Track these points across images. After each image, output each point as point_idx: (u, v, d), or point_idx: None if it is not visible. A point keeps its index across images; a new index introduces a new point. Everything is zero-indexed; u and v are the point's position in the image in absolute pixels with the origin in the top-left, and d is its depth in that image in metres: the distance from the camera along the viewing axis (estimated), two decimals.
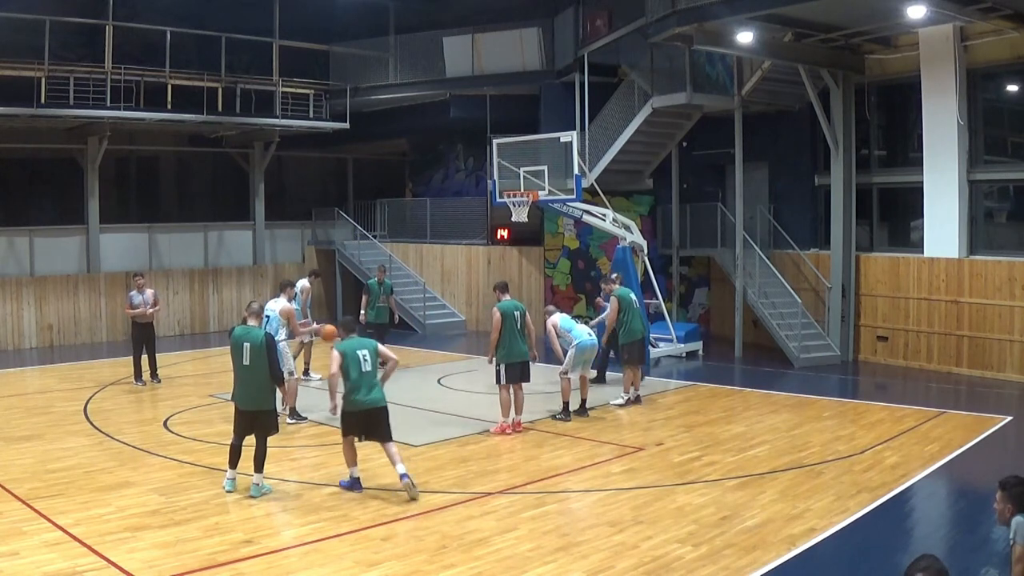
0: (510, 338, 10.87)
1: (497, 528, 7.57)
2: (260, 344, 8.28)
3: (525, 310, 11.23)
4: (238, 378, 8.46)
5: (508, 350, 10.87)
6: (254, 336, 8.36)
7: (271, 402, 8.45)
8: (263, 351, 8.25)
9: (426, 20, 22.37)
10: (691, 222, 19.48)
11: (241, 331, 8.48)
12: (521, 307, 11.15)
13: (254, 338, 8.34)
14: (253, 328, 8.48)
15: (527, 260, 21.07)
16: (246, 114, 20.98)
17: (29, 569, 6.54)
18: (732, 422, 11.65)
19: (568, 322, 12.08)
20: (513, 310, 10.94)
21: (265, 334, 8.43)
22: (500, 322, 10.84)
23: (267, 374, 8.29)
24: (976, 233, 15.24)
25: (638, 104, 18.35)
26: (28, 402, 13.30)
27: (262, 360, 8.25)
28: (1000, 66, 14.80)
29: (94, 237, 20.35)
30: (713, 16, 14.04)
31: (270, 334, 8.53)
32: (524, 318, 11.07)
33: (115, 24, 18.89)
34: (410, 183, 25.75)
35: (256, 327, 8.51)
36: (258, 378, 8.30)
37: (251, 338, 8.34)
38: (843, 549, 7.24)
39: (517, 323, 10.92)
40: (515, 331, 10.90)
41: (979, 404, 12.92)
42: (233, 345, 8.43)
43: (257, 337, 8.34)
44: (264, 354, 8.24)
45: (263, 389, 8.35)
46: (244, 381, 8.39)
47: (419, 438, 10.76)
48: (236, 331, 8.52)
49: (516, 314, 10.93)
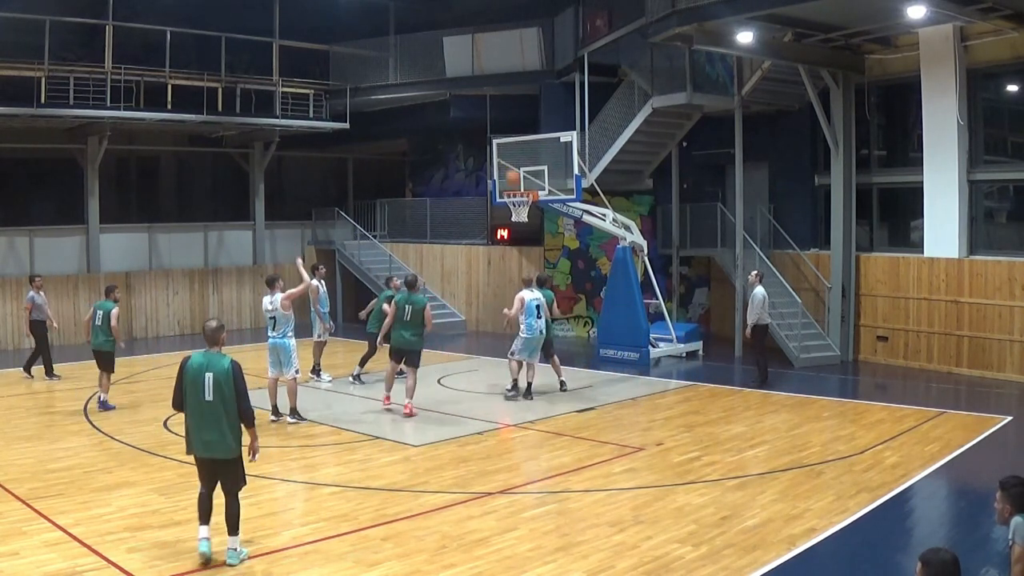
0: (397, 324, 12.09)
1: (497, 528, 7.57)
2: (226, 373, 6.68)
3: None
4: (196, 418, 6.73)
5: (392, 334, 12.19)
6: (218, 364, 6.72)
7: (238, 448, 6.78)
8: (230, 382, 6.68)
9: (426, 20, 22.37)
10: (691, 222, 19.47)
11: (201, 359, 6.78)
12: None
13: (219, 367, 6.70)
14: (216, 355, 6.80)
15: (527, 260, 21.06)
16: (246, 114, 21.00)
17: (29, 569, 6.54)
18: (732, 422, 11.66)
19: (531, 307, 13.04)
20: (406, 303, 12.06)
21: (231, 361, 6.76)
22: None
23: (235, 411, 6.71)
24: (976, 233, 15.25)
25: (638, 104, 18.35)
26: (28, 402, 13.31)
27: (229, 394, 6.68)
28: (1000, 66, 14.81)
29: (94, 237, 20.36)
30: (713, 16, 14.04)
31: (235, 361, 6.79)
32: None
33: (115, 24, 18.90)
34: (410, 183, 25.76)
35: (219, 354, 6.81)
36: (222, 418, 6.67)
37: (215, 367, 6.70)
38: (843, 549, 7.24)
39: (407, 314, 12.00)
40: (402, 320, 12.04)
41: (979, 404, 12.92)
42: (189, 376, 6.72)
43: (222, 365, 6.71)
44: (232, 386, 6.68)
45: (229, 431, 6.70)
46: (205, 421, 6.69)
47: (419, 438, 10.78)
48: (194, 359, 6.80)
49: (408, 307, 12.01)
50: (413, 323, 11.92)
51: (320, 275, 14.95)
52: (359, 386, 14.16)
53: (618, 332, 16.58)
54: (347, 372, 15.64)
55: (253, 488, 8.71)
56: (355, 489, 8.71)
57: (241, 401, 6.72)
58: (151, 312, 21.00)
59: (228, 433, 6.69)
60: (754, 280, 14.27)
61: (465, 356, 17.56)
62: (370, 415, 12.14)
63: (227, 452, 6.71)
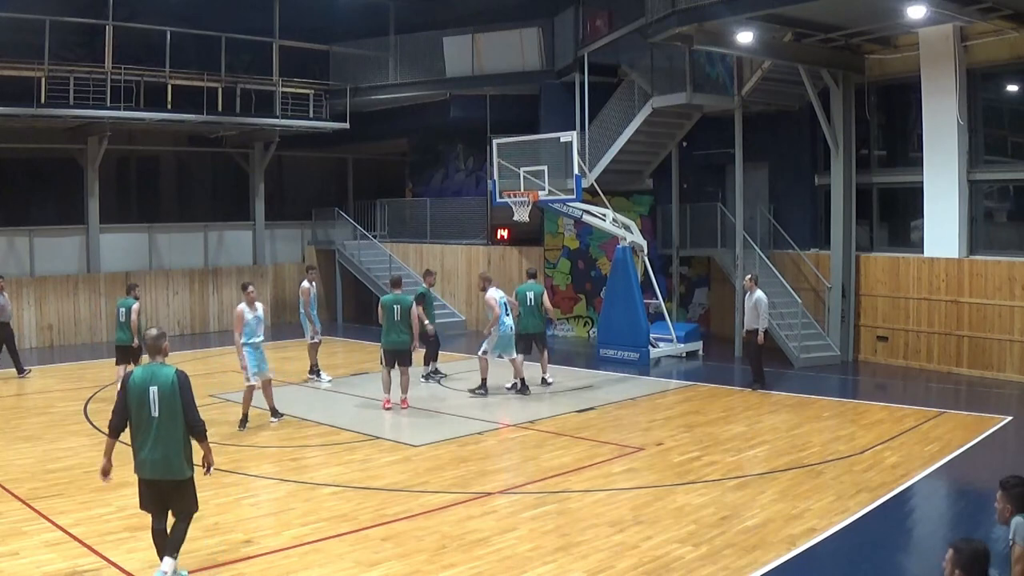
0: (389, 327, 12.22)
1: (497, 528, 7.58)
2: (171, 386, 6.11)
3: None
4: (143, 437, 6.14)
5: (385, 337, 12.25)
6: (162, 376, 6.14)
7: (190, 468, 6.26)
8: (176, 394, 6.11)
9: (426, 20, 22.38)
10: (691, 222, 19.47)
11: (144, 372, 6.20)
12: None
13: (163, 378, 6.13)
14: (159, 366, 6.22)
15: (527, 260, 21.04)
16: (246, 114, 21.00)
17: (29, 569, 6.54)
18: (732, 422, 11.65)
19: (502, 304, 13.26)
20: (394, 303, 12.27)
21: (176, 371, 6.19)
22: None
23: (185, 426, 6.18)
24: (976, 233, 15.24)
25: (638, 104, 18.35)
26: (28, 402, 13.32)
27: (176, 407, 6.11)
28: (1000, 66, 14.81)
29: (94, 237, 20.36)
30: (713, 16, 14.04)
31: (182, 371, 6.24)
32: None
33: (115, 24, 18.91)
34: (410, 183, 25.75)
35: (164, 364, 6.24)
36: (172, 434, 6.11)
37: (159, 379, 6.13)
38: (843, 549, 7.23)
39: (397, 315, 12.19)
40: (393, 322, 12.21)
41: (979, 404, 12.91)
42: (134, 391, 6.12)
43: (166, 377, 6.14)
44: (178, 399, 6.12)
45: (179, 450, 6.16)
46: (153, 439, 6.11)
47: (419, 438, 10.78)
48: (136, 374, 6.23)
49: (396, 307, 12.23)
50: (404, 323, 12.19)
51: (312, 277, 14.95)
52: (431, 383, 14.47)
53: (618, 332, 16.59)
54: (348, 372, 15.68)
55: (253, 488, 8.76)
56: (355, 489, 8.71)
57: (189, 413, 6.16)
58: (151, 312, 20.95)
59: (179, 451, 6.16)
60: (751, 285, 13.89)
61: (465, 356, 17.55)
62: (369, 415, 12.14)
63: (177, 472, 6.16)
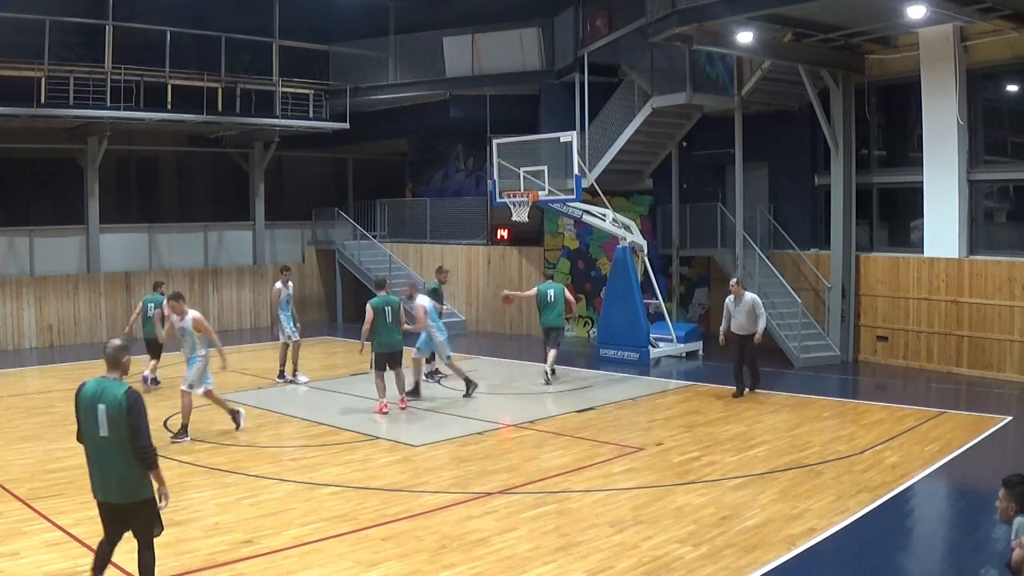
0: (381, 329, 12.13)
1: (497, 528, 7.57)
2: (118, 408, 5.57)
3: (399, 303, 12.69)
4: (92, 456, 5.74)
5: (379, 340, 12.16)
6: (111, 395, 5.62)
7: (147, 487, 5.74)
8: (123, 418, 5.57)
9: (426, 20, 22.38)
10: (691, 222, 19.46)
11: (94, 387, 5.72)
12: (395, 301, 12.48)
13: (111, 397, 5.61)
14: (111, 382, 5.70)
15: (527, 260, 21.06)
16: (246, 114, 21.01)
17: (29, 569, 6.54)
18: (732, 422, 11.65)
19: (433, 312, 13.32)
20: (385, 305, 12.16)
21: (126, 391, 5.64)
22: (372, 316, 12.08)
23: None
24: (976, 233, 15.24)
25: (638, 104, 18.34)
26: (28, 402, 13.30)
27: (123, 430, 5.59)
28: (1000, 66, 14.80)
29: (94, 237, 20.36)
30: (713, 16, 14.04)
31: (133, 391, 5.68)
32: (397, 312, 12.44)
33: (115, 24, 18.91)
34: (410, 183, 25.75)
35: (115, 380, 5.73)
36: (122, 455, 5.62)
37: (107, 397, 5.61)
38: (843, 549, 7.23)
39: (388, 316, 12.15)
40: (386, 324, 12.15)
41: (979, 404, 12.91)
42: (82, 405, 5.72)
43: (114, 396, 5.60)
44: (124, 423, 5.57)
45: (130, 470, 5.65)
46: (104, 460, 5.68)
47: (419, 438, 10.78)
48: (87, 387, 5.75)
49: (388, 309, 12.16)
50: (396, 324, 12.25)
51: (286, 278, 14.82)
52: (432, 383, 14.43)
53: (618, 332, 16.59)
54: (348, 372, 15.66)
55: (253, 488, 8.75)
56: (355, 489, 8.71)
57: (136, 439, 5.57)
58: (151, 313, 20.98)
59: (130, 472, 5.63)
60: (739, 289, 13.28)
61: (465, 356, 17.54)
62: (369, 415, 12.14)
63: (131, 494, 5.67)
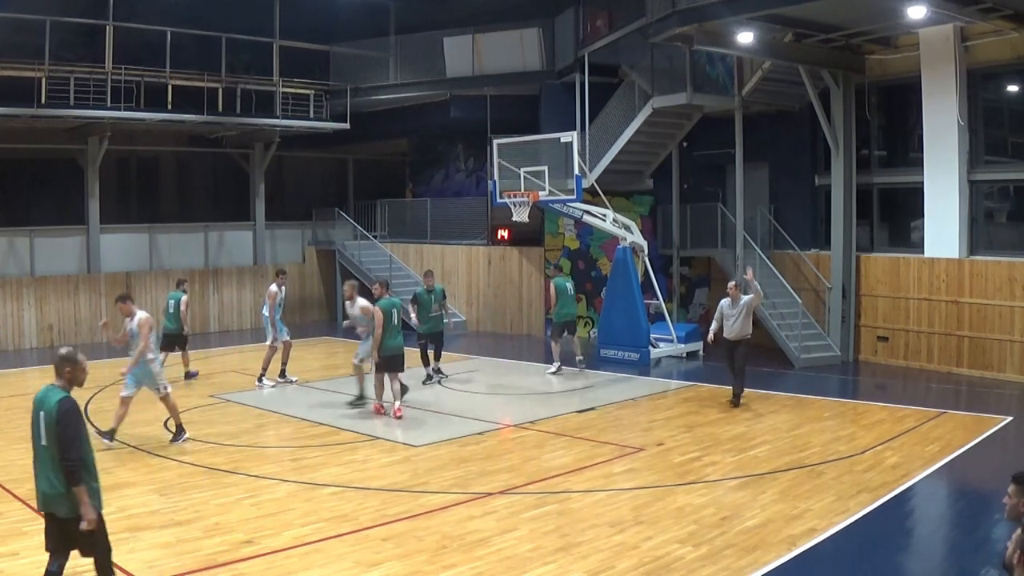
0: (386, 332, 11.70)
1: (497, 528, 7.57)
2: (51, 414, 5.41)
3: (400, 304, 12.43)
4: (35, 463, 5.58)
5: (384, 343, 11.70)
6: (49, 402, 5.46)
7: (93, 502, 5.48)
8: (53, 426, 5.38)
9: (426, 20, 22.36)
10: (691, 222, 19.46)
11: (41, 394, 5.60)
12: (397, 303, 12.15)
13: (48, 407, 5.44)
14: (51, 390, 5.57)
15: (527, 260, 21.06)
16: (246, 114, 20.99)
17: (29, 569, 6.54)
18: (732, 422, 11.65)
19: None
20: (390, 307, 11.79)
21: (60, 400, 5.45)
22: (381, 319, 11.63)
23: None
24: (976, 233, 15.24)
25: (638, 104, 18.34)
26: (28, 402, 13.19)
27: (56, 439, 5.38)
28: (1000, 66, 14.80)
29: (94, 237, 20.35)
30: (713, 16, 14.04)
31: (68, 400, 5.49)
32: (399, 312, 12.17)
33: (115, 24, 18.89)
34: (410, 183, 25.75)
35: (55, 388, 5.58)
36: (57, 465, 5.41)
37: (46, 405, 5.46)
38: (843, 549, 7.23)
39: (394, 319, 11.83)
40: (391, 326, 11.78)
41: (979, 404, 12.92)
42: (33, 410, 5.58)
43: (50, 406, 5.43)
44: (55, 431, 5.37)
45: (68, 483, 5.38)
46: (42, 469, 5.50)
47: (419, 438, 10.78)
48: (38, 392, 5.64)
49: (393, 311, 11.84)
50: (399, 326, 12.06)
51: (281, 281, 14.73)
52: (432, 383, 14.31)
53: (618, 332, 16.59)
54: (347, 373, 15.64)
55: (253, 488, 8.75)
56: (355, 489, 8.71)
57: (64, 450, 5.32)
58: (152, 313, 20.83)
59: (66, 486, 5.36)
60: (737, 293, 12.76)
61: (465, 356, 17.55)
62: (369, 415, 12.14)
63: (70, 509, 5.40)
